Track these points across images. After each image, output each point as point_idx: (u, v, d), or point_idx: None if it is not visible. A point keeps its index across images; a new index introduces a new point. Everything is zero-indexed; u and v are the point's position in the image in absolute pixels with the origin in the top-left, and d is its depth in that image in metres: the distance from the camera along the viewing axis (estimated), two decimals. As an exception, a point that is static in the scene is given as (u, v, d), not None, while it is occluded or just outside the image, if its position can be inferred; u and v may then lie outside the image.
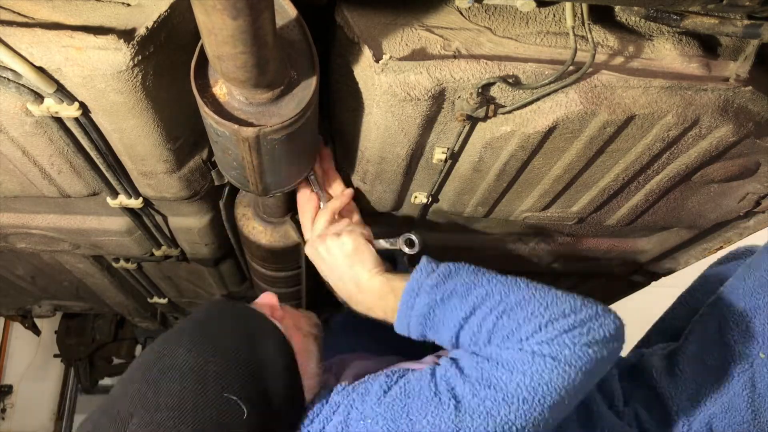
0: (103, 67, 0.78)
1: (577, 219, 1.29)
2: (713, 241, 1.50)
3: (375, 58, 0.83)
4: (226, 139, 0.84)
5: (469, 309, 0.90)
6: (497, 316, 0.87)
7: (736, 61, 0.91)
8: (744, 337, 1.09)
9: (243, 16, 0.59)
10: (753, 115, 0.96)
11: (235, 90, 0.79)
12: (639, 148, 1.00)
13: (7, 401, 4.28)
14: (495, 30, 0.89)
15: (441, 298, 0.93)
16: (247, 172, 0.93)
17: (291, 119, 0.80)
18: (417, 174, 1.12)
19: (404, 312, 0.96)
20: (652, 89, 0.89)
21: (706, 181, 1.16)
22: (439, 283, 0.94)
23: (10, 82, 0.81)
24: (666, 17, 0.81)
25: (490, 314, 0.88)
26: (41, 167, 1.03)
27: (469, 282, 0.93)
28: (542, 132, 0.93)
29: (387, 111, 0.90)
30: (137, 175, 1.09)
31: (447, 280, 0.94)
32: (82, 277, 1.82)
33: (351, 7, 0.86)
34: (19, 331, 4.17)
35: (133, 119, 0.90)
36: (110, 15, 0.79)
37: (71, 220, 1.35)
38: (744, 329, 1.09)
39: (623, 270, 1.76)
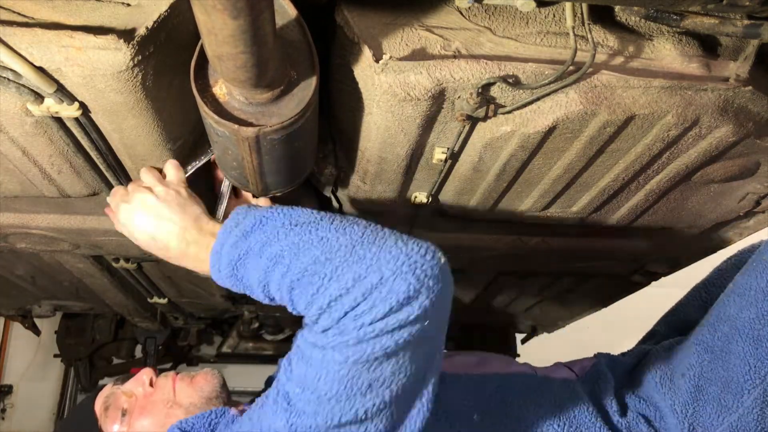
0: (103, 67, 0.78)
1: (577, 219, 1.29)
2: (713, 241, 1.50)
3: (375, 58, 0.83)
4: (226, 139, 0.84)
5: (262, 272, 0.80)
6: (287, 290, 0.77)
7: (736, 61, 0.91)
8: (756, 348, 1.00)
9: (243, 16, 0.59)
10: (753, 115, 0.96)
11: (235, 90, 0.79)
12: (639, 148, 1.00)
13: (7, 401, 4.28)
14: (495, 30, 0.89)
15: (239, 257, 0.82)
16: (247, 171, 0.93)
17: (291, 119, 0.80)
18: (417, 174, 1.12)
19: (215, 273, 0.87)
20: (652, 89, 0.89)
21: (706, 181, 1.16)
22: (239, 240, 0.82)
23: (10, 82, 0.81)
24: (666, 17, 0.81)
25: (282, 285, 0.78)
26: (41, 167, 1.03)
27: (266, 237, 0.80)
28: (542, 132, 0.93)
29: (387, 111, 0.90)
30: (137, 175, 1.09)
31: (249, 235, 0.82)
32: (82, 277, 1.82)
33: (351, 7, 0.86)
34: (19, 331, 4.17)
35: (133, 119, 0.90)
36: (110, 15, 0.79)
37: (71, 220, 1.35)
38: (755, 338, 1.01)
39: (623, 270, 1.76)
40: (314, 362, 0.74)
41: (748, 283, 1.07)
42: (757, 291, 1.04)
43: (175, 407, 1.11)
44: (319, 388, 0.74)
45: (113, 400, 1.14)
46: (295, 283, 0.76)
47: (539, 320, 2.65)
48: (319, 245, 0.76)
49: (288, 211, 0.83)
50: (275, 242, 0.79)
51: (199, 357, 3.90)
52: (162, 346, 3.56)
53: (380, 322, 0.70)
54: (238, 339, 3.58)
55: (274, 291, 0.80)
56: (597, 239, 1.51)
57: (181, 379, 1.16)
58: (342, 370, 0.73)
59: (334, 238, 0.76)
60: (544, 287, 2.11)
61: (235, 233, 0.83)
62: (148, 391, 1.14)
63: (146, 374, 1.17)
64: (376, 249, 0.73)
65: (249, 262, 0.81)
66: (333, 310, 0.72)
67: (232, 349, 3.66)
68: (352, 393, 0.74)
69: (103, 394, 1.16)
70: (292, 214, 0.82)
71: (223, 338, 3.67)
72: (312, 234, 0.78)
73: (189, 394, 1.14)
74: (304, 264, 0.75)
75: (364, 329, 0.70)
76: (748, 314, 1.04)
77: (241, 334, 3.52)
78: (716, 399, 1.05)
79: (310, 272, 0.74)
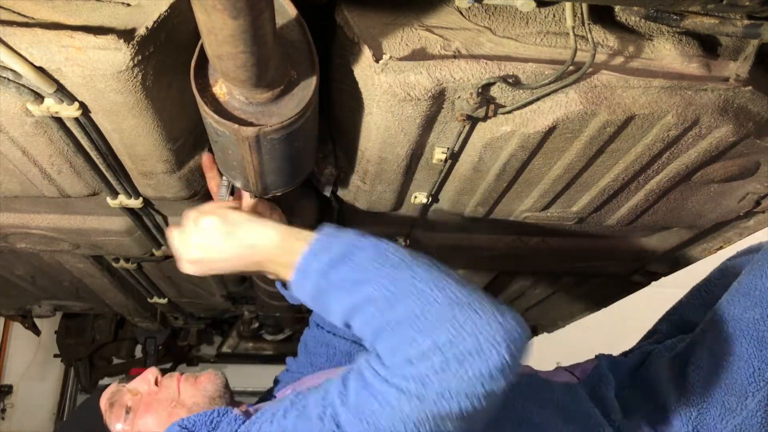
0: (103, 67, 0.78)
1: (577, 219, 1.29)
2: (713, 241, 1.50)
3: (375, 58, 0.83)
4: (226, 139, 0.84)
5: (348, 309, 0.81)
6: (375, 332, 0.78)
7: (736, 61, 0.91)
8: (760, 349, 1.00)
9: (243, 16, 0.59)
10: (753, 115, 0.96)
11: (235, 90, 0.79)
12: (639, 148, 1.00)
13: (7, 401, 4.28)
14: (495, 30, 0.89)
15: (327, 287, 0.83)
16: (247, 171, 0.93)
17: (291, 119, 0.80)
18: (417, 174, 1.12)
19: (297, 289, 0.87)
20: (652, 89, 0.89)
21: (706, 181, 1.16)
22: (327, 271, 0.82)
23: (10, 82, 0.81)
24: (666, 17, 0.81)
25: (369, 324, 0.79)
26: (41, 167, 1.03)
27: (356, 276, 0.81)
28: (542, 132, 0.93)
29: (387, 111, 0.90)
30: (137, 175, 1.09)
31: (339, 266, 0.82)
32: (82, 277, 1.82)
33: (351, 7, 0.86)
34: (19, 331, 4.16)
35: (133, 119, 0.90)
36: (110, 15, 0.79)
37: (71, 220, 1.35)
38: (759, 340, 1.00)
39: (623, 270, 1.76)
40: (383, 399, 0.74)
41: (753, 283, 1.06)
42: (762, 291, 1.03)
43: (178, 407, 1.11)
44: (381, 425, 0.74)
45: (118, 397, 1.14)
46: (386, 329, 0.76)
47: (539, 320, 2.65)
48: (415, 298, 0.76)
49: (377, 243, 0.83)
50: (367, 283, 0.78)
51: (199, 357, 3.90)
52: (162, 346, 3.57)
53: (467, 386, 0.72)
54: (238, 339, 3.58)
55: (356, 326, 0.80)
56: (597, 239, 1.51)
57: (186, 380, 1.17)
58: (412, 415, 0.73)
59: (430, 290, 0.76)
60: (544, 287, 2.12)
61: (323, 260, 0.82)
62: (153, 390, 1.15)
63: (151, 373, 1.18)
64: (475, 315, 0.74)
65: (336, 294, 0.81)
66: (421, 363, 0.72)
67: (232, 349, 3.66)
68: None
69: (109, 392, 1.16)
70: (381, 249, 0.82)
71: (223, 338, 3.67)
72: (407, 282, 0.77)
73: (193, 393, 1.15)
74: (399, 315, 0.75)
75: (450, 389, 0.71)
76: (752, 315, 1.03)
77: (241, 334, 3.53)
78: (720, 401, 1.04)
79: (404, 324, 0.75)
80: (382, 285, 0.78)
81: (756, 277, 1.06)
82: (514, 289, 2.16)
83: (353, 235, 0.84)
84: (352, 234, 0.85)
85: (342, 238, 0.84)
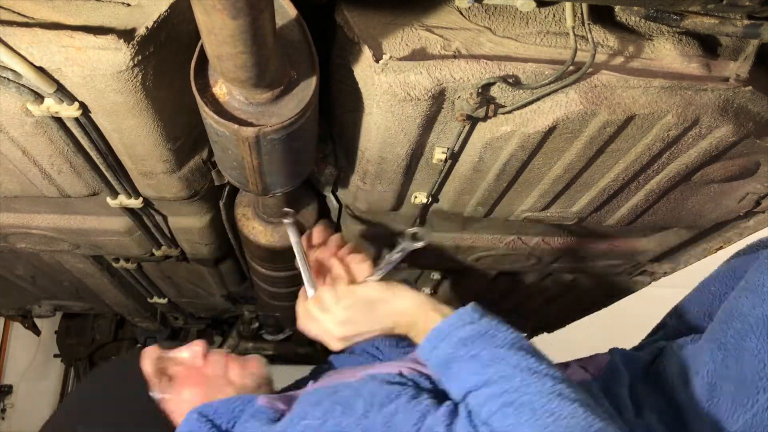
0: (103, 67, 0.78)
1: (577, 219, 1.29)
2: (713, 241, 1.50)
3: (375, 58, 0.83)
4: (226, 139, 0.84)
5: (482, 381, 0.87)
6: (504, 404, 0.83)
7: (736, 61, 0.91)
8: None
9: (243, 16, 0.58)
10: (753, 115, 0.96)
11: (235, 90, 0.79)
12: (639, 148, 1.00)
13: (7, 401, 4.28)
14: (495, 30, 0.89)
15: (462, 355, 0.91)
16: (247, 171, 0.93)
17: (291, 119, 0.80)
18: (417, 174, 1.12)
19: (426, 349, 0.96)
20: (652, 89, 0.89)
21: (706, 181, 1.16)
22: (468, 340, 0.91)
23: (10, 82, 0.81)
24: (666, 17, 0.81)
25: (499, 398, 0.84)
26: (41, 167, 1.03)
27: (494, 355, 0.89)
28: (542, 132, 0.93)
29: (387, 111, 0.90)
30: (137, 175, 1.09)
31: (478, 340, 0.91)
32: (82, 277, 1.82)
33: (351, 7, 0.86)
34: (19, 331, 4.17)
35: (133, 119, 0.90)
36: (110, 15, 0.79)
37: (71, 220, 1.35)
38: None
39: (623, 270, 1.76)
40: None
41: (761, 279, 1.06)
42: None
43: (228, 386, 1.08)
44: None
45: (163, 364, 1.08)
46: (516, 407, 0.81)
47: (539, 320, 2.65)
48: (539, 391, 0.83)
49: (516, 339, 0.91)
50: (501, 362, 0.87)
51: (199, 357, 3.89)
52: (162, 346, 3.56)
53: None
54: (238, 339, 3.58)
55: (483, 396, 0.86)
56: (597, 239, 1.51)
57: (235, 360, 1.13)
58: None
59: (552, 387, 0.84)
60: (544, 287, 2.11)
61: (466, 331, 0.92)
62: (200, 364, 1.10)
63: (200, 345, 1.12)
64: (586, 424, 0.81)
65: (471, 364, 0.89)
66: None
67: (232, 349, 3.66)
68: None
69: (151, 356, 1.09)
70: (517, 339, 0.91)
71: (223, 338, 3.67)
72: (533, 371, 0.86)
73: (242, 374, 1.11)
74: (531, 398, 0.82)
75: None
76: (761, 311, 1.03)
77: (241, 334, 3.52)
78: (731, 397, 1.04)
79: (535, 405, 0.81)
80: (516, 369, 0.86)
81: (763, 273, 1.06)
82: (515, 289, 2.16)
83: (494, 320, 0.94)
84: (492, 318, 0.94)
85: (482, 318, 0.94)
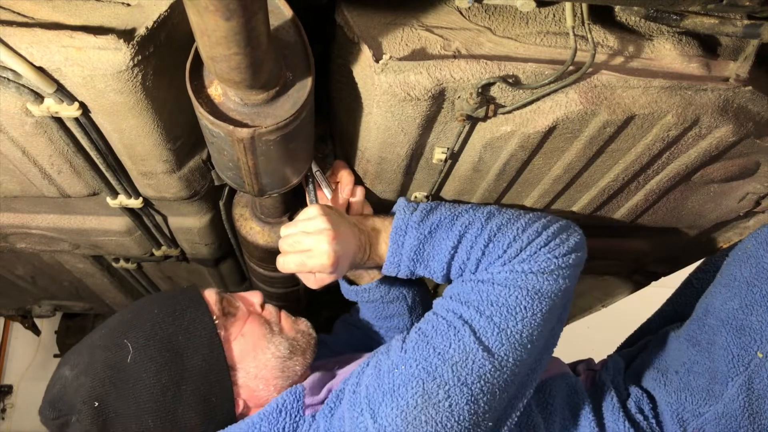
0: (103, 67, 0.78)
1: (576, 219, 1.29)
2: (713, 241, 1.50)
3: (375, 58, 0.83)
4: (222, 140, 0.83)
5: (456, 238, 0.97)
6: (484, 243, 0.96)
7: (736, 61, 0.91)
8: (739, 337, 1.03)
9: (236, 17, 0.58)
10: (753, 115, 0.96)
11: (230, 91, 0.78)
12: (639, 148, 1.00)
13: (7, 401, 4.28)
14: (495, 30, 0.89)
15: (429, 232, 0.99)
16: (243, 172, 0.93)
17: (286, 120, 0.80)
18: (417, 174, 1.12)
19: (394, 251, 1.01)
20: (652, 89, 0.89)
21: (706, 181, 1.16)
22: (424, 218, 1.00)
23: (10, 82, 0.81)
24: (666, 17, 0.81)
25: (476, 241, 0.96)
26: (41, 167, 1.03)
27: (451, 213, 1.00)
28: (542, 132, 0.93)
29: (387, 111, 0.90)
30: (137, 175, 1.09)
31: (430, 214, 1.01)
32: (82, 277, 1.82)
33: (351, 7, 0.86)
34: (19, 331, 4.17)
35: (133, 119, 0.90)
36: (110, 15, 0.79)
37: (71, 220, 1.35)
38: (739, 328, 1.04)
39: (623, 270, 1.76)
40: (510, 284, 0.92)
41: (733, 273, 1.10)
42: (740, 281, 1.07)
43: (279, 334, 1.10)
44: (509, 302, 0.90)
45: (224, 301, 1.09)
46: (493, 236, 0.95)
47: (539, 320, 2.65)
48: (498, 214, 0.99)
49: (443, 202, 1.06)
50: (460, 216, 0.99)
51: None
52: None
53: (565, 257, 0.94)
54: (238, 339, 3.57)
55: (463, 250, 0.97)
56: (597, 239, 1.51)
57: (287, 315, 1.17)
58: (536, 285, 0.91)
59: (501, 210, 1.01)
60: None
61: (417, 215, 1.01)
62: (258, 310, 1.13)
63: (257, 296, 1.15)
64: (548, 215, 1.00)
65: (439, 233, 0.99)
66: (532, 245, 0.94)
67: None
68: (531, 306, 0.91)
69: (214, 290, 1.11)
70: (453, 203, 1.05)
71: (223, 338, 3.66)
72: (484, 208, 1.01)
73: (293, 328, 1.14)
74: (498, 223, 0.97)
75: (555, 260, 0.93)
76: (731, 305, 1.06)
77: (241, 334, 3.51)
78: (704, 389, 1.07)
79: (505, 227, 0.96)
80: (471, 214, 0.99)
81: (735, 268, 1.10)
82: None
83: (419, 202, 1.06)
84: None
85: (419, 203, 1.04)
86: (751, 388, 1.02)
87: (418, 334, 0.93)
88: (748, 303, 1.04)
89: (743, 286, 1.06)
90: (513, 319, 0.90)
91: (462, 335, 0.89)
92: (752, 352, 1.02)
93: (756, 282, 1.05)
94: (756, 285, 1.04)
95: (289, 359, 1.08)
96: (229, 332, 1.05)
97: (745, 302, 1.05)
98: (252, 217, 1.32)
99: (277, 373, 1.07)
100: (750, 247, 1.08)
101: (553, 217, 1.00)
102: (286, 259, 0.99)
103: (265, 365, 1.06)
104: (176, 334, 1.01)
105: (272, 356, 1.07)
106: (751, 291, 1.05)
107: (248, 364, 1.05)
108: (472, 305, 0.92)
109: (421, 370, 0.88)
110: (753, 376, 1.02)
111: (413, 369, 0.88)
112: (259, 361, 1.06)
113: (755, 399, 1.02)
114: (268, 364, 1.06)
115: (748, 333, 1.03)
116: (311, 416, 0.98)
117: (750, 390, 1.02)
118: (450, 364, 0.87)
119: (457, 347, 0.88)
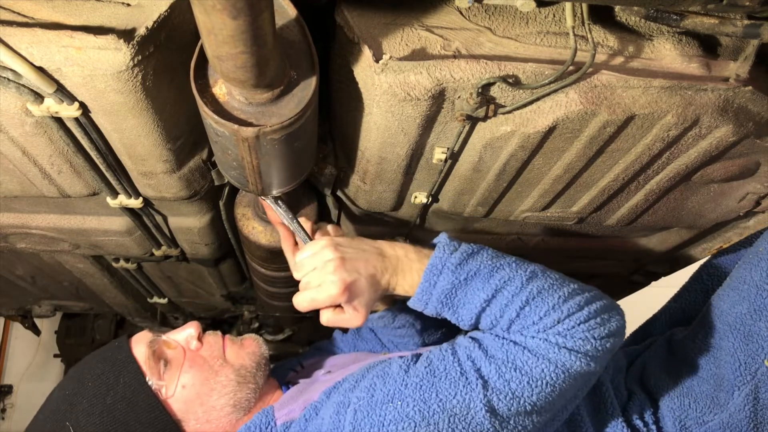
0: (103, 67, 0.78)
1: (577, 219, 1.29)
2: (713, 241, 1.50)
3: (375, 58, 0.83)
4: (226, 139, 0.84)
5: (491, 291, 0.92)
6: (520, 305, 0.90)
7: (736, 61, 0.91)
8: (746, 344, 1.00)
9: (243, 16, 0.59)
10: (753, 115, 0.96)
11: (235, 90, 0.79)
12: (639, 148, 1.00)
13: (7, 401, 4.28)
14: (495, 30, 0.89)
15: (465, 278, 0.94)
16: (247, 172, 0.93)
17: (290, 119, 0.80)
18: (417, 174, 1.12)
19: (425, 289, 0.95)
20: (652, 89, 0.89)
21: (706, 181, 1.16)
22: (463, 261, 0.94)
23: (10, 82, 0.81)
24: (666, 17, 0.81)
25: (513, 301, 0.91)
26: (41, 167, 1.03)
27: (491, 263, 0.94)
28: (542, 132, 0.93)
29: (387, 111, 0.90)
30: (137, 175, 1.09)
31: (470, 259, 0.95)
32: (82, 277, 1.82)
33: (351, 7, 0.86)
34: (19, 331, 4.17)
35: (133, 119, 0.90)
36: (110, 15, 0.79)
37: (71, 220, 1.35)
38: (746, 334, 1.01)
39: (623, 270, 1.76)
40: (538, 352, 0.87)
41: (743, 276, 1.07)
42: (750, 285, 1.04)
43: (226, 366, 1.06)
44: (533, 373, 0.86)
45: (156, 347, 1.04)
46: (531, 300, 0.90)
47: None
48: (542, 276, 0.93)
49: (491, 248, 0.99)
50: (501, 269, 0.93)
51: (199, 357, 3.89)
52: (162, 346, 3.56)
53: (603, 340, 0.88)
54: (238, 339, 3.57)
55: (497, 306, 0.92)
56: (597, 239, 1.51)
57: (231, 341, 1.11)
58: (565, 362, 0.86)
59: (546, 272, 0.95)
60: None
61: (456, 257, 0.95)
62: (196, 346, 1.07)
63: (194, 327, 1.08)
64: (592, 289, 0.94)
65: (475, 282, 0.93)
66: (571, 319, 0.88)
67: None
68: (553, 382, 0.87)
69: (144, 340, 1.06)
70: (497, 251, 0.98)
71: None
72: (528, 266, 0.95)
73: (239, 355, 1.09)
74: (539, 287, 0.91)
75: (593, 341, 0.88)
76: (740, 309, 1.04)
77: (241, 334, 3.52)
78: (709, 396, 1.05)
79: (546, 292, 0.90)
80: (512, 269, 0.93)
81: (745, 270, 1.07)
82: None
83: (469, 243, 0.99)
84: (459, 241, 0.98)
85: (462, 243, 0.98)
86: (757, 398, 1.00)
87: (426, 371, 0.89)
88: (757, 308, 1.01)
89: (753, 290, 1.03)
90: (530, 390, 0.86)
91: (471, 389, 0.86)
92: (759, 360, 0.99)
93: (766, 286, 1.01)
94: (766, 290, 1.01)
95: (239, 391, 1.05)
96: (168, 387, 1.01)
97: (754, 307, 1.02)
98: (254, 216, 1.32)
99: (228, 410, 1.03)
100: (762, 250, 1.05)
101: (598, 292, 0.94)
102: (298, 300, 0.97)
103: (213, 407, 1.02)
104: (114, 404, 0.98)
105: (218, 396, 1.03)
106: (760, 295, 1.02)
107: (196, 412, 1.02)
108: (495, 363, 0.87)
109: (417, 413, 0.85)
110: (759, 385, 0.99)
111: (409, 409, 0.86)
112: (206, 406, 1.02)
113: (760, 409, 1.00)
114: (217, 405, 1.02)
115: (756, 340, 1.00)
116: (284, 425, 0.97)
117: (756, 400, 1.00)
118: (449, 414, 0.85)
119: (462, 400, 0.85)
